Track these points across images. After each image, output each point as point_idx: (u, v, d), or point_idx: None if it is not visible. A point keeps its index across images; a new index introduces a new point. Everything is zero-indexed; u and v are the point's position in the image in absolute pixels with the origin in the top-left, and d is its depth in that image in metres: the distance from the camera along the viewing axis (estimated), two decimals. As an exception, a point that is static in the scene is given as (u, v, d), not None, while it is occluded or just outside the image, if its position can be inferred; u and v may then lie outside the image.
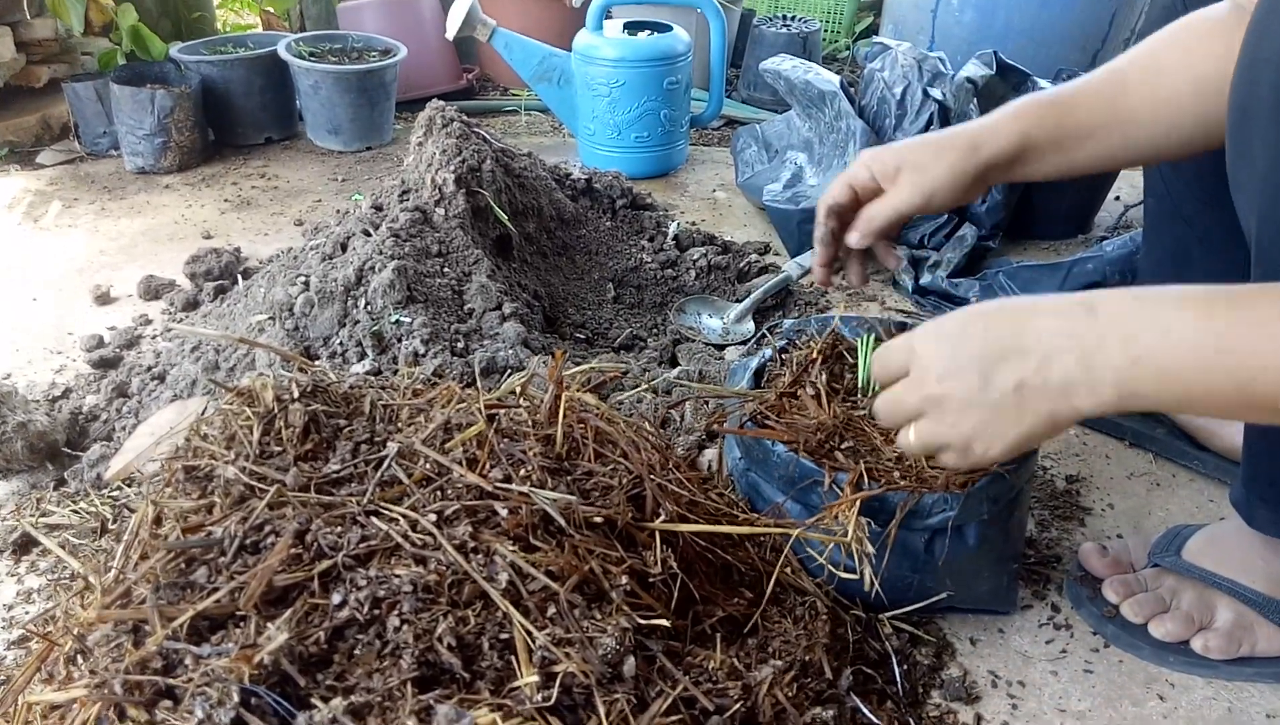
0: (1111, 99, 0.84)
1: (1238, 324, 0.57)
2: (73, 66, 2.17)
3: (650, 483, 0.77)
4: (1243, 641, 0.85)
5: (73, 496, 1.02)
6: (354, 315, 1.11)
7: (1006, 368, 0.63)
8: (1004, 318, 0.65)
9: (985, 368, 0.64)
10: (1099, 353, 0.60)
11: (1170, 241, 1.11)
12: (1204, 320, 0.58)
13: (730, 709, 0.68)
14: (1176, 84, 0.82)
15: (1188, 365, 0.58)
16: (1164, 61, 0.84)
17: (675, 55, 1.84)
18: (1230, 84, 0.73)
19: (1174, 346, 0.59)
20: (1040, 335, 0.62)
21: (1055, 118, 0.85)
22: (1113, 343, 0.60)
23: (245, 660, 0.54)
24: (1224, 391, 0.58)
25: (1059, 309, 0.63)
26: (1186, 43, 0.84)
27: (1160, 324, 0.59)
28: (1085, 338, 0.61)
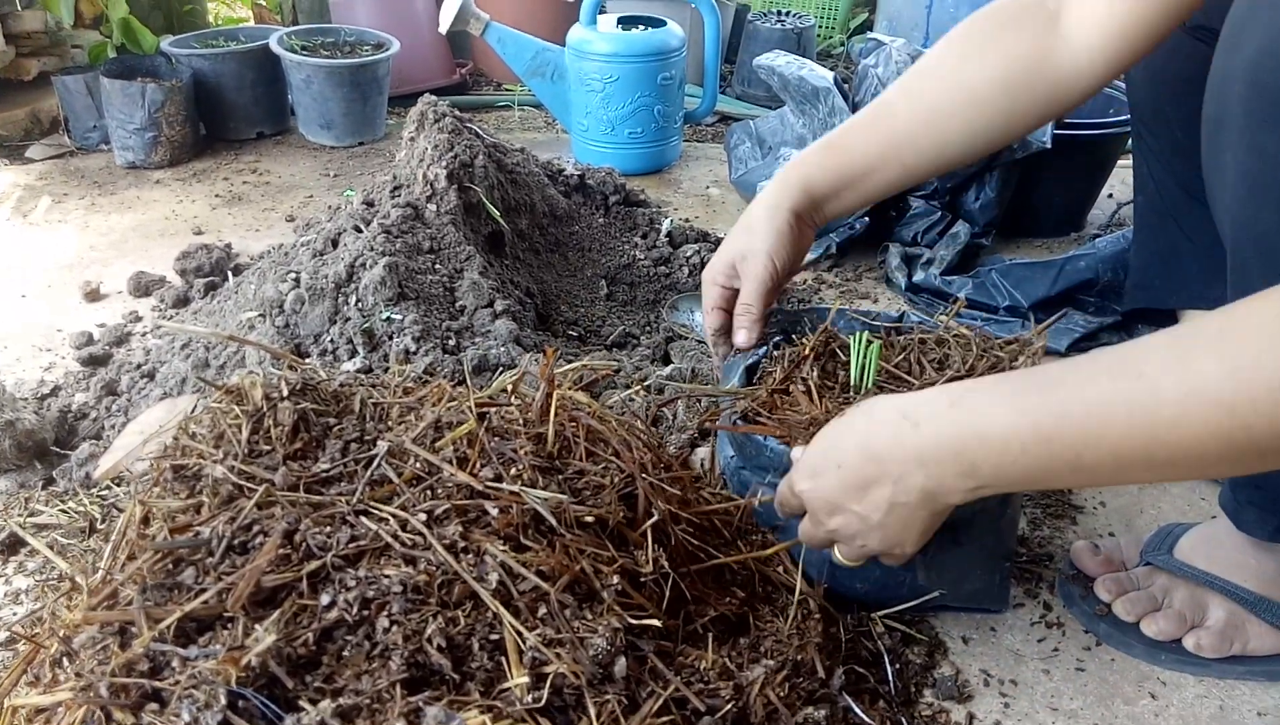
0: (884, 132, 0.90)
1: (1048, 411, 0.59)
2: (62, 59, 2.15)
3: (642, 482, 0.76)
4: (1234, 640, 0.85)
5: (61, 496, 1.01)
6: (345, 312, 1.11)
7: (873, 494, 0.69)
8: (852, 449, 0.69)
9: (858, 499, 0.70)
10: (938, 467, 0.65)
11: (1160, 239, 1.11)
12: (1017, 416, 0.61)
13: (722, 709, 0.68)
14: (943, 104, 0.87)
15: (1018, 461, 0.61)
16: (928, 83, 0.89)
17: (669, 50, 1.84)
18: (1206, 88, 0.74)
19: (1000, 450, 0.61)
20: (884, 460, 0.67)
21: (833, 161, 0.92)
22: (946, 457, 0.64)
23: (232, 662, 0.54)
24: (1062, 472, 0.60)
25: (889, 431, 0.67)
26: (958, 57, 0.88)
27: (978, 431, 0.62)
28: (922, 455, 0.65)
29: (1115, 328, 1.31)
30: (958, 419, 0.63)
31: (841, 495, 0.70)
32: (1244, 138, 0.68)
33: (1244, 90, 0.67)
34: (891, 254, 1.51)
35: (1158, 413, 0.54)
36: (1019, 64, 0.84)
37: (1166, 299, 1.14)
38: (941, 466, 0.64)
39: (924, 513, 0.69)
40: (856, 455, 0.68)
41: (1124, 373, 0.56)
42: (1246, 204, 0.70)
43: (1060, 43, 0.83)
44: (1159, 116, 1.04)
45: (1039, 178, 1.59)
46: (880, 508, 0.69)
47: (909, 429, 0.65)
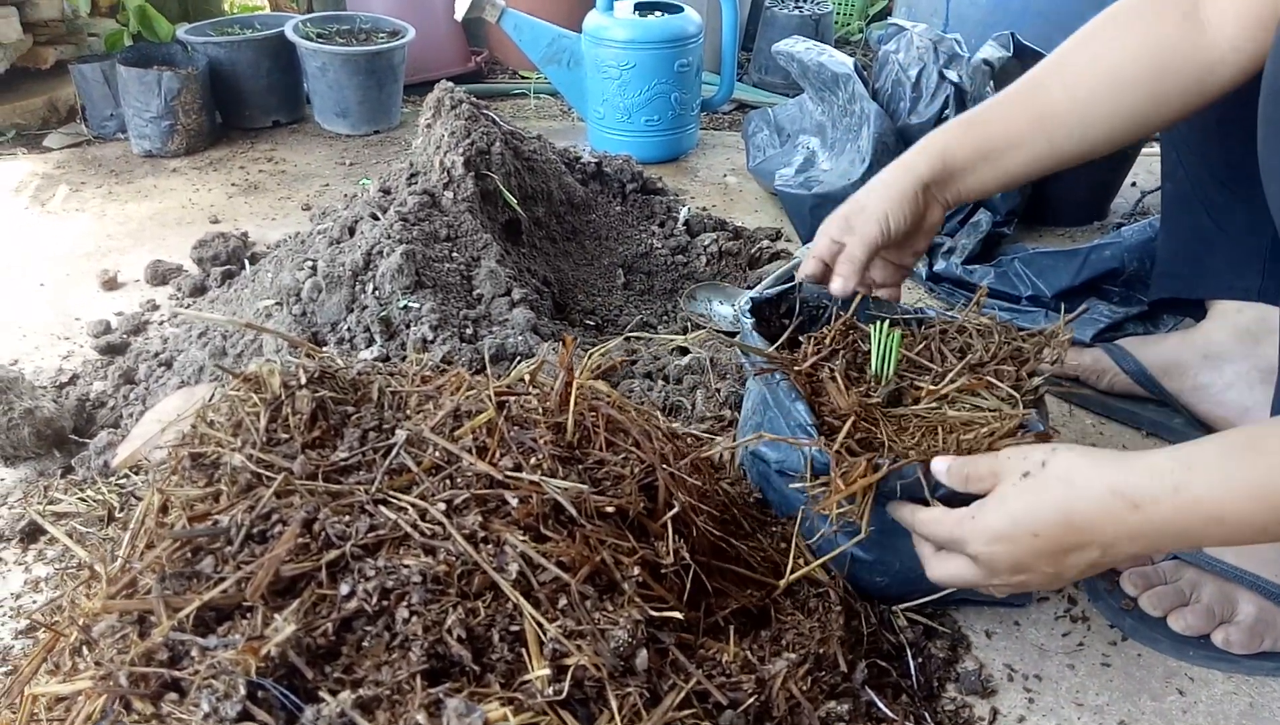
0: (1030, 107, 0.88)
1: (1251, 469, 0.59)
2: (79, 48, 2.15)
3: (662, 472, 0.75)
4: (1265, 636, 0.84)
5: (80, 484, 1.01)
6: (362, 300, 1.10)
7: (1075, 557, 0.66)
8: (1051, 519, 0.66)
9: (1055, 562, 0.67)
10: (1159, 541, 0.64)
11: (1188, 227, 1.09)
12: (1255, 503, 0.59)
13: (744, 703, 0.67)
14: (1092, 85, 0.86)
15: (1250, 537, 0.61)
16: (1078, 62, 0.87)
17: (686, 37, 1.82)
18: (1265, 71, 0.71)
19: (1233, 532, 0.61)
20: (1091, 532, 0.64)
21: (974, 134, 0.90)
22: (1168, 538, 0.63)
23: (252, 652, 0.53)
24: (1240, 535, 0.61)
25: (1096, 504, 0.64)
26: (1101, 39, 0.86)
27: (1212, 516, 0.60)
28: (1140, 534, 0.63)
29: (1141, 318, 1.29)
30: (1185, 506, 0.61)
31: (1034, 559, 0.67)
32: None
33: None
34: (912, 243, 1.50)
35: None
36: (1166, 52, 0.83)
37: (1195, 288, 1.12)
38: (1164, 541, 0.64)
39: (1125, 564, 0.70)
40: (1059, 527, 0.65)
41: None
42: None
43: (1202, 33, 0.82)
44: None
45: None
46: (1080, 568, 0.67)
47: (1125, 509, 0.62)
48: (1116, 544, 0.64)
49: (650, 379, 1.11)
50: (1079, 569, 0.67)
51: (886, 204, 0.90)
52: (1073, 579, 0.69)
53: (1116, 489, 0.63)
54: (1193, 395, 1.09)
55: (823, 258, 0.94)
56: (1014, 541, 0.67)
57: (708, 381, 1.10)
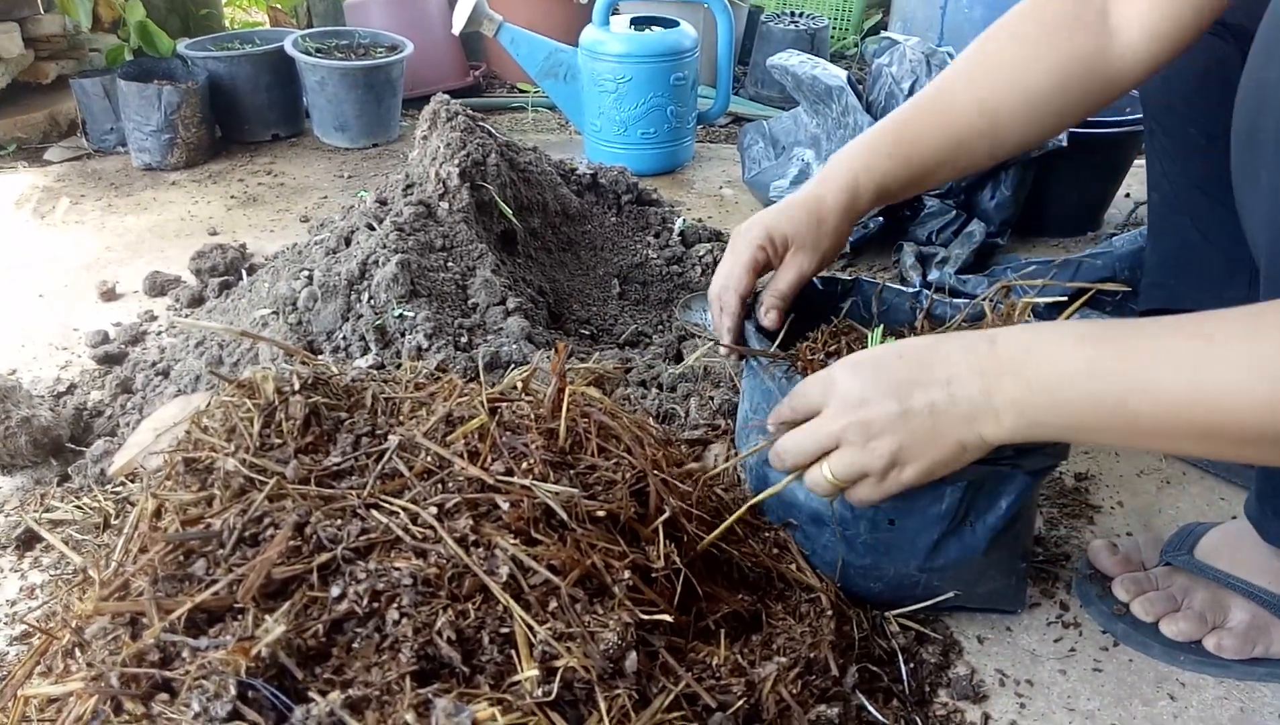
0: (944, 123, 0.88)
1: (1113, 350, 0.61)
2: (80, 63, 2.17)
3: (654, 478, 0.76)
4: (1257, 642, 0.84)
5: (76, 492, 1.02)
6: (357, 309, 1.11)
7: (920, 392, 0.67)
8: (916, 349, 0.69)
9: (901, 393, 0.68)
10: (997, 379, 0.65)
11: (1175, 238, 1.10)
12: (1085, 346, 0.62)
13: (733, 706, 0.67)
14: (1004, 98, 0.86)
15: (1072, 392, 0.62)
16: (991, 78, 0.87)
17: (682, 51, 1.84)
18: (1235, 106, 0.73)
19: (1059, 374, 0.63)
20: (947, 363, 0.67)
21: (903, 162, 0.90)
22: (1008, 370, 0.65)
23: (242, 653, 0.54)
24: (1104, 417, 0.62)
25: (964, 340, 0.67)
26: (1016, 52, 0.87)
27: (1048, 353, 0.64)
28: (986, 365, 0.65)
29: (1132, 327, 1.29)
30: (1034, 343, 0.64)
31: (886, 385, 0.68)
32: None
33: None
34: (906, 253, 1.51)
35: (1214, 374, 0.56)
36: (1078, 65, 0.84)
37: (1183, 298, 1.13)
38: (1002, 381, 0.65)
39: (954, 436, 0.67)
40: (918, 354, 0.67)
41: (1195, 332, 0.58)
42: None
43: (1110, 41, 0.83)
44: (1172, 114, 1.03)
45: (1055, 177, 1.58)
46: (920, 409, 0.67)
47: (983, 343, 0.65)
48: (962, 378, 0.65)
49: (644, 386, 1.12)
50: (920, 412, 0.67)
51: (821, 242, 0.90)
52: (912, 431, 0.68)
53: (982, 332, 0.66)
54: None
55: (754, 271, 0.92)
56: (877, 365, 0.69)
57: (701, 389, 1.11)
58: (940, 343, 0.68)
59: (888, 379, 0.68)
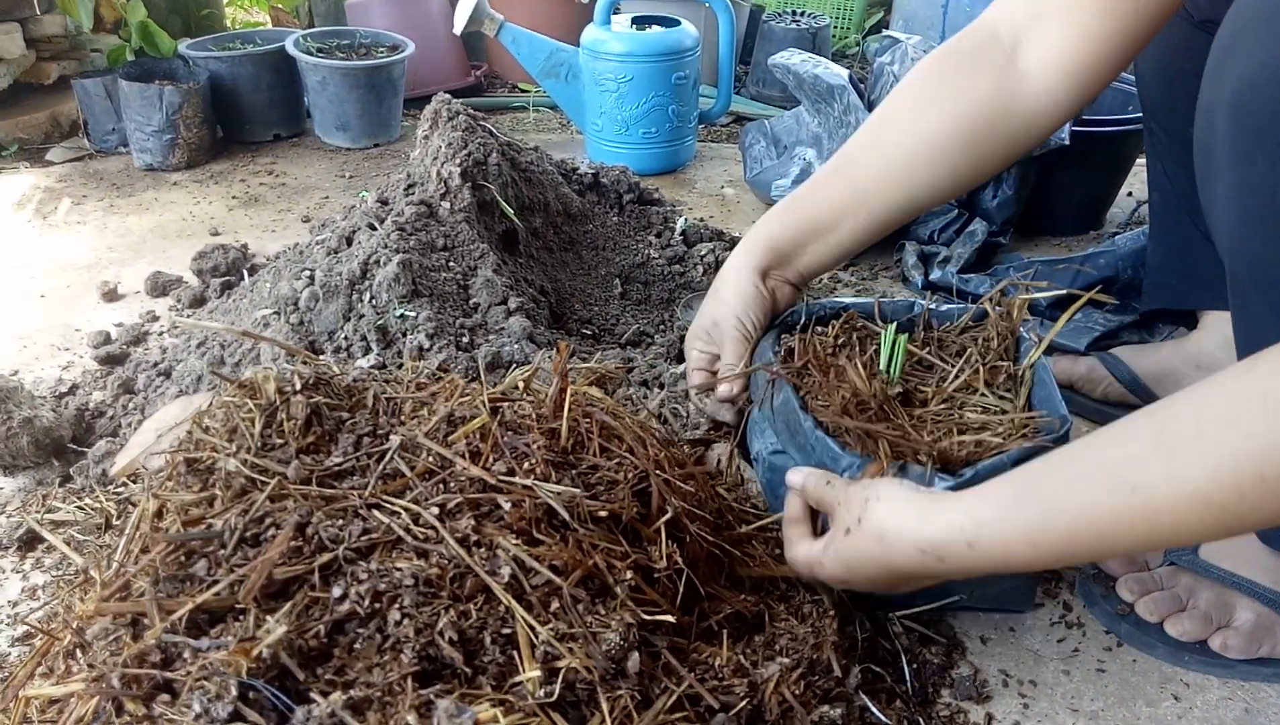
0: (847, 184, 0.90)
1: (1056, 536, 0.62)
2: (82, 63, 2.17)
3: (656, 478, 0.76)
4: (1263, 642, 0.84)
5: (78, 493, 1.01)
6: (359, 309, 1.11)
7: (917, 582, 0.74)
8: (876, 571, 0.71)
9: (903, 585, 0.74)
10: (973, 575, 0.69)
11: (1176, 238, 1.10)
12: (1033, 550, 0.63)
13: (736, 706, 0.67)
14: (906, 153, 0.87)
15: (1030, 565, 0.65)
16: (890, 134, 0.89)
17: (683, 50, 1.83)
18: (1195, 118, 0.73)
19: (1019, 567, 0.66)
20: (916, 574, 0.70)
21: (794, 216, 0.93)
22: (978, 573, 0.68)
23: (244, 653, 0.54)
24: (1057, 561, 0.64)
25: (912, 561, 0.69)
26: (916, 104, 0.88)
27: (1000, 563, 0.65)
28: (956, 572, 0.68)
29: (1135, 326, 1.29)
30: (979, 559, 0.66)
31: (884, 585, 0.74)
32: (1231, 168, 0.68)
33: (1227, 122, 0.67)
34: (908, 252, 1.50)
35: (1156, 522, 0.57)
36: (980, 111, 0.84)
37: (1184, 299, 1.13)
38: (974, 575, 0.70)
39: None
40: (885, 573, 0.71)
41: (1119, 488, 0.58)
42: (1238, 232, 0.70)
43: (1021, 83, 0.83)
44: (1171, 113, 1.03)
45: (1057, 175, 1.57)
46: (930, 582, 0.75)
47: (934, 562, 0.67)
48: (940, 576, 0.70)
49: (646, 386, 1.12)
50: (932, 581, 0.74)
51: (736, 307, 0.93)
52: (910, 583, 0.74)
53: (921, 547, 0.67)
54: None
55: (703, 368, 0.98)
56: (855, 580, 0.74)
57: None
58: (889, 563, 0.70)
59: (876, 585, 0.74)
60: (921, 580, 0.73)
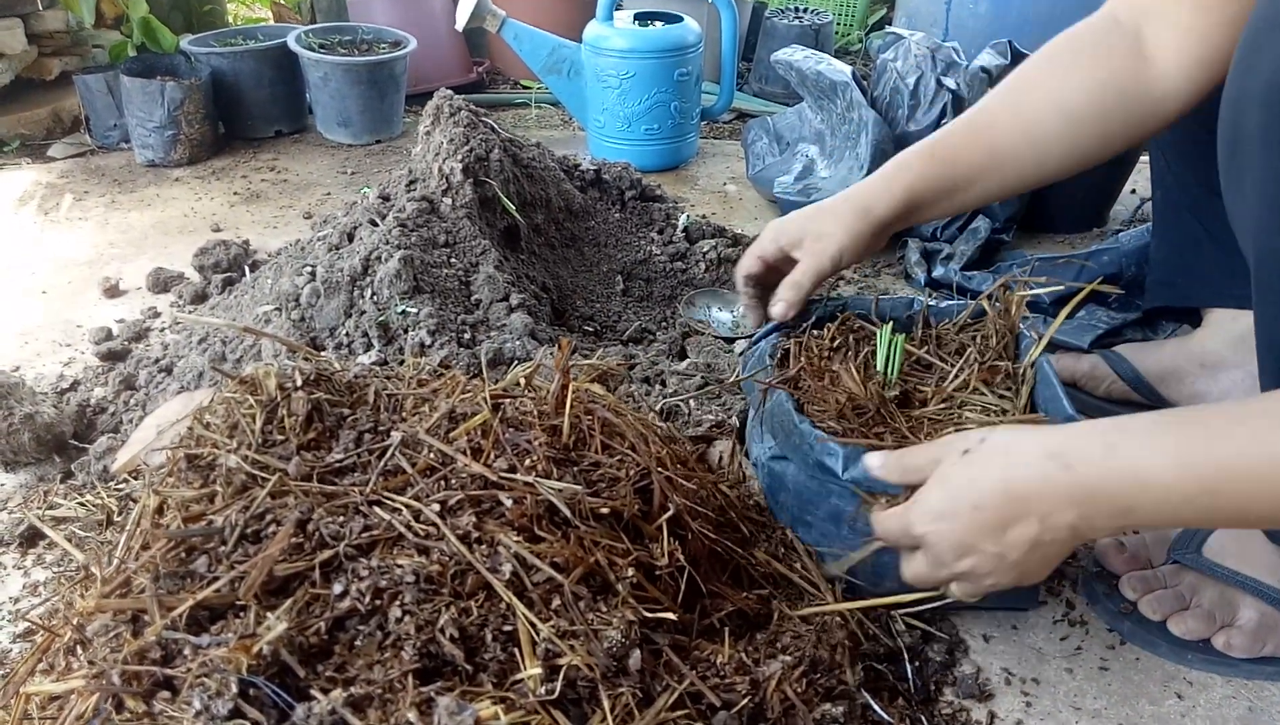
0: (986, 143, 0.89)
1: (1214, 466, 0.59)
2: (84, 59, 2.17)
3: (658, 475, 0.76)
4: (1266, 641, 0.83)
5: (79, 489, 1.01)
6: (360, 306, 1.10)
7: (1015, 532, 0.65)
8: (990, 495, 0.66)
9: (997, 538, 0.66)
10: (1092, 507, 0.63)
11: (1180, 235, 1.09)
12: (1181, 470, 0.60)
13: (738, 704, 0.67)
14: (1043, 119, 0.87)
15: (1180, 510, 0.61)
16: (1031, 97, 0.88)
17: (686, 46, 1.83)
18: (1219, 118, 0.73)
19: (1161, 499, 0.61)
20: (1029, 499, 0.64)
21: (937, 169, 0.90)
22: (1101, 500, 0.63)
23: (244, 650, 0.53)
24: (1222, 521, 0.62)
25: (1033, 469, 0.64)
26: (1053, 73, 0.87)
27: (1139, 480, 0.61)
28: (1075, 496, 0.63)
29: (1139, 324, 1.29)
30: (1116, 467, 0.61)
31: (977, 536, 0.67)
32: (1263, 162, 0.67)
33: (1261, 115, 0.67)
34: (911, 249, 1.50)
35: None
36: (1114, 88, 0.84)
37: (1189, 296, 1.13)
38: (1096, 507, 0.63)
39: (1067, 547, 0.67)
40: (997, 496, 0.65)
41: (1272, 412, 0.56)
42: (1268, 227, 0.69)
43: (1148, 67, 0.83)
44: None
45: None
46: (1021, 546, 0.66)
47: (1059, 470, 0.63)
48: (1053, 513, 0.64)
49: (648, 383, 1.12)
50: (1022, 547, 0.66)
51: (847, 239, 0.91)
52: (1019, 562, 0.67)
53: (1051, 451, 0.63)
54: (1189, 402, 1.09)
55: (766, 260, 0.96)
56: (955, 517, 0.67)
57: (705, 386, 1.10)
58: (1008, 479, 0.65)
59: (975, 528, 0.67)
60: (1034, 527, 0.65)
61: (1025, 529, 0.65)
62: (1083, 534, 0.65)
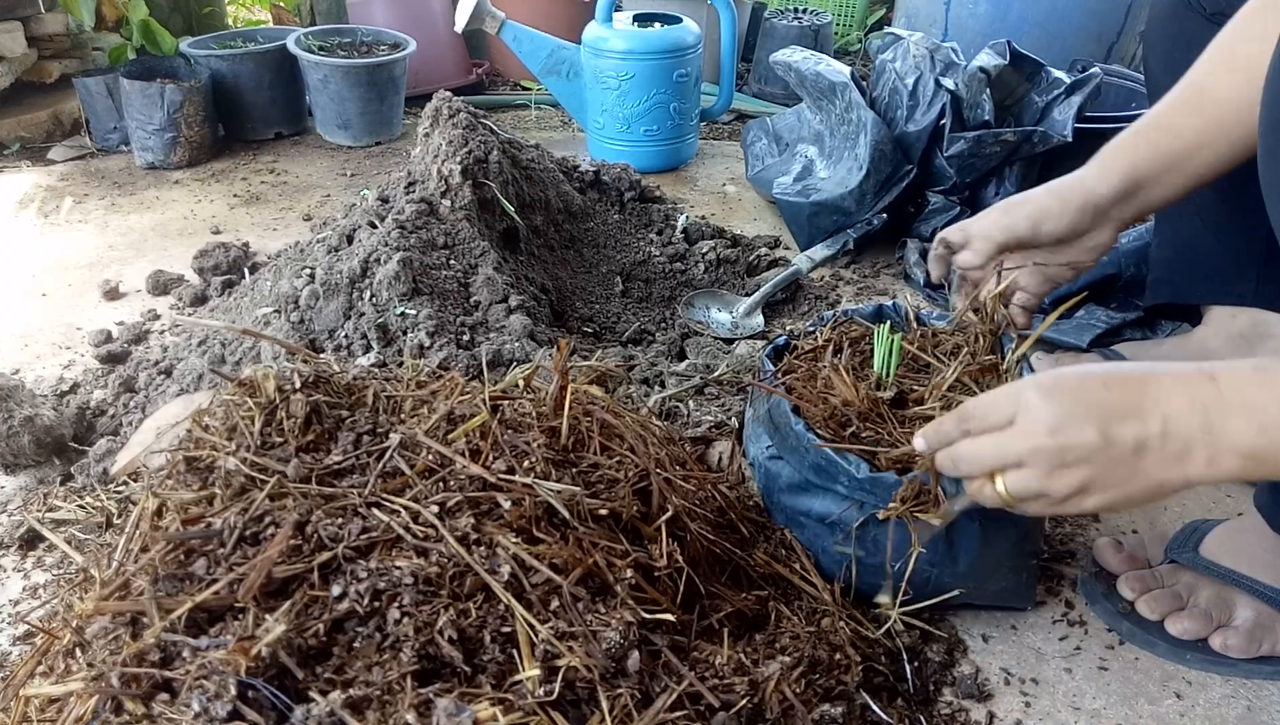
0: (1204, 108, 0.82)
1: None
2: (84, 62, 2.17)
3: (657, 477, 0.76)
4: (1263, 640, 0.84)
5: (79, 492, 1.01)
6: (359, 307, 1.10)
7: (1127, 426, 0.61)
8: (1124, 378, 0.62)
9: (1105, 425, 0.61)
10: (1222, 419, 0.59)
11: (1182, 233, 1.09)
12: None
13: (737, 705, 0.67)
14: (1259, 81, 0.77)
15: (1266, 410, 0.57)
16: (1242, 61, 0.80)
17: (685, 48, 1.83)
18: (1264, 86, 0.70)
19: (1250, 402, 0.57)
20: (1161, 399, 0.60)
21: (1157, 141, 0.84)
22: (1237, 410, 0.58)
23: (243, 652, 0.54)
24: None
25: (1179, 372, 0.61)
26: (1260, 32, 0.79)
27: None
28: (1209, 402, 0.59)
29: (1138, 323, 1.29)
30: (1266, 382, 0.57)
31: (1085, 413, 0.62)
32: None
33: None
34: (910, 250, 1.50)
35: None
36: None
37: (1189, 294, 1.13)
38: (1230, 422, 0.58)
39: (1157, 475, 0.61)
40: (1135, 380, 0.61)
41: None
42: None
43: None
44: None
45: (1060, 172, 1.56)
46: (1124, 444, 0.61)
47: (1204, 379, 0.59)
48: (1179, 418, 0.59)
49: (647, 384, 1.12)
50: (1121, 447, 0.61)
51: (1049, 203, 0.86)
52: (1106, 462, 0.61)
53: (1199, 366, 0.60)
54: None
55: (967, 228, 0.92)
56: (1078, 390, 0.62)
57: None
58: (1152, 372, 0.62)
59: (1089, 406, 0.62)
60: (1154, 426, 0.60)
61: (1143, 426, 0.60)
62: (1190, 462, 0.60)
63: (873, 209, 1.52)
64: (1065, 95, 1.48)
